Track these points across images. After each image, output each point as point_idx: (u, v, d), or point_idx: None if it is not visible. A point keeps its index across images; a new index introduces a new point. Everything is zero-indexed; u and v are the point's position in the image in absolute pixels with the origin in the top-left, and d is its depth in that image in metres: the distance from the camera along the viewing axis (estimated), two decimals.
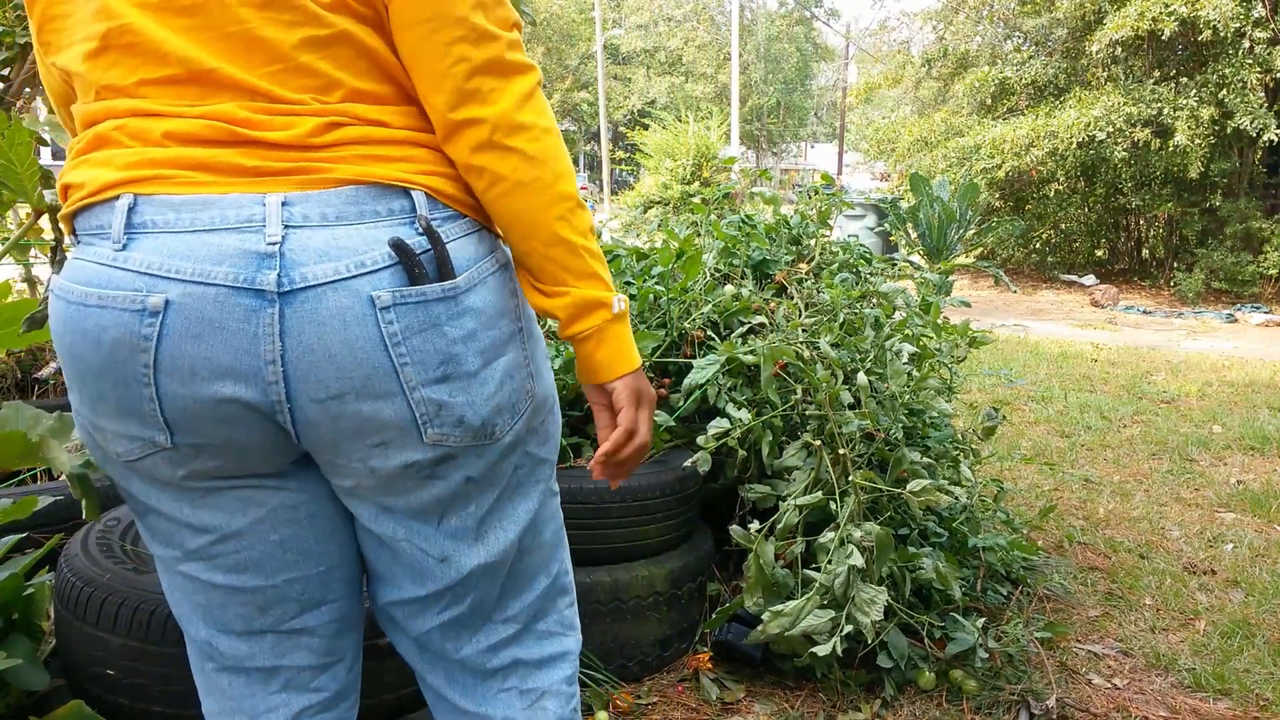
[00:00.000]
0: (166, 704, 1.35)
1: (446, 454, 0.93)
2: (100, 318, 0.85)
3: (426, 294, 0.87)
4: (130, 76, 0.87)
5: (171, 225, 0.84)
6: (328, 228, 0.85)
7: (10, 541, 1.62)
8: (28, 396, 3.16)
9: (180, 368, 0.85)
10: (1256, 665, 2.27)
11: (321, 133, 0.87)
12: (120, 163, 0.86)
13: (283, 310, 0.83)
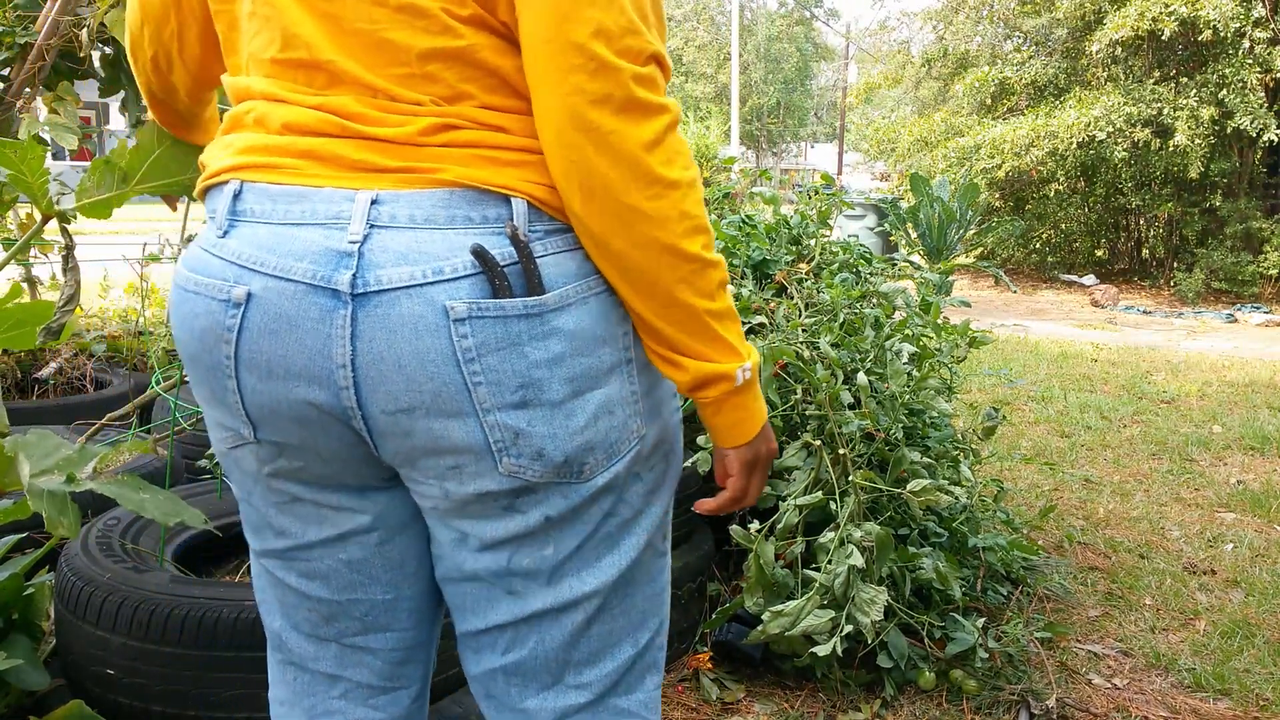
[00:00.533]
0: (166, 704, 1.35)
1: (525, 486, 0.85)
2: (195, 304, 0.85)
3: (506, 309, 0.80)
4: (267, 50, 0.85)
5: (266, 215, 0.82)
6: (413, 230, 0.80)
7: (10, 541, 1.62)
8: (28, 396, 3.16)
9: (258, 363, 0.83)
10: (1256, 665, 2.27)
11: (433, 132, 0.81)
12: (239, 146, 0.86)
13: (355, 313, 0.79)
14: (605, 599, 0.93)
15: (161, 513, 0.96)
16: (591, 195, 0.80)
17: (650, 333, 0.86)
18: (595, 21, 0.77)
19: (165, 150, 1.05)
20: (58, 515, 0.97)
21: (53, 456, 1.01)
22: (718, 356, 0.87)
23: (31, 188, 1.05)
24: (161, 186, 1.03)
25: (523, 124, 0.83)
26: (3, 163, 0.97)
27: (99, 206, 1.04)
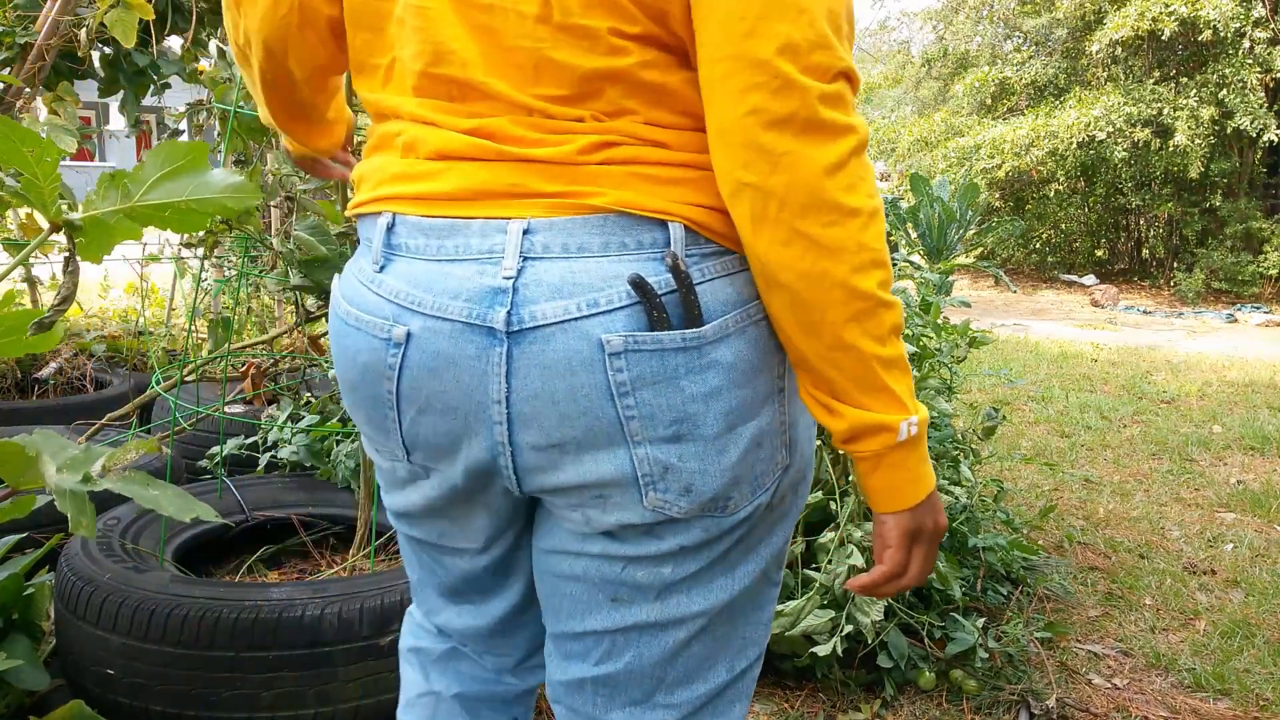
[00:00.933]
0: (166, 703, 1.35)
1: (667, 520, 0.82)
2: (356, 340, 0.85)
3: (663, 342, 0.76)
4: (416, 62, 0.81)
5: (420, 251, 0.81)
6: (567, 259, 0.77)
7: (10, 541, 1.62)
8: (28, 396, 3.16)
9: (417, 398, 0.82)
10: (1256, 665, 2.27)
11: (592, 150, 0.77)
12: (389, 173, 0.84)
13: (510, 350, 0.77)
14: (710, 620, 0.89)
15: (175, 509, 0.96)
16: (763, 220, 0.74)
17: (810, 374, 0.80)
18: (783, 36, 0.71)
19: (169, 173, 1.04)
20: (79, 515, 0.98)
21: (60, 456, 1.01)
22: (880, 407, 0.79)
23: (42, 193, 1.04)
24: (159, 209, 1.02)
25: (684, 139, 0.79)
26: (14, 161, 0.96)
27: (96, 244, 1.03)
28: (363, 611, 1.40)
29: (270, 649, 1.35)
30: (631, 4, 0.75)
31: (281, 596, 1.40)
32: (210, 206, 0.99)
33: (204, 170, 0.97)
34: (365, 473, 1.78)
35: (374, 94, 0.86)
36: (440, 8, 0.78)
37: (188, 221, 1.02)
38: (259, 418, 2.21)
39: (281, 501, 1.94)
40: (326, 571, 1.79)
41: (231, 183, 0.98)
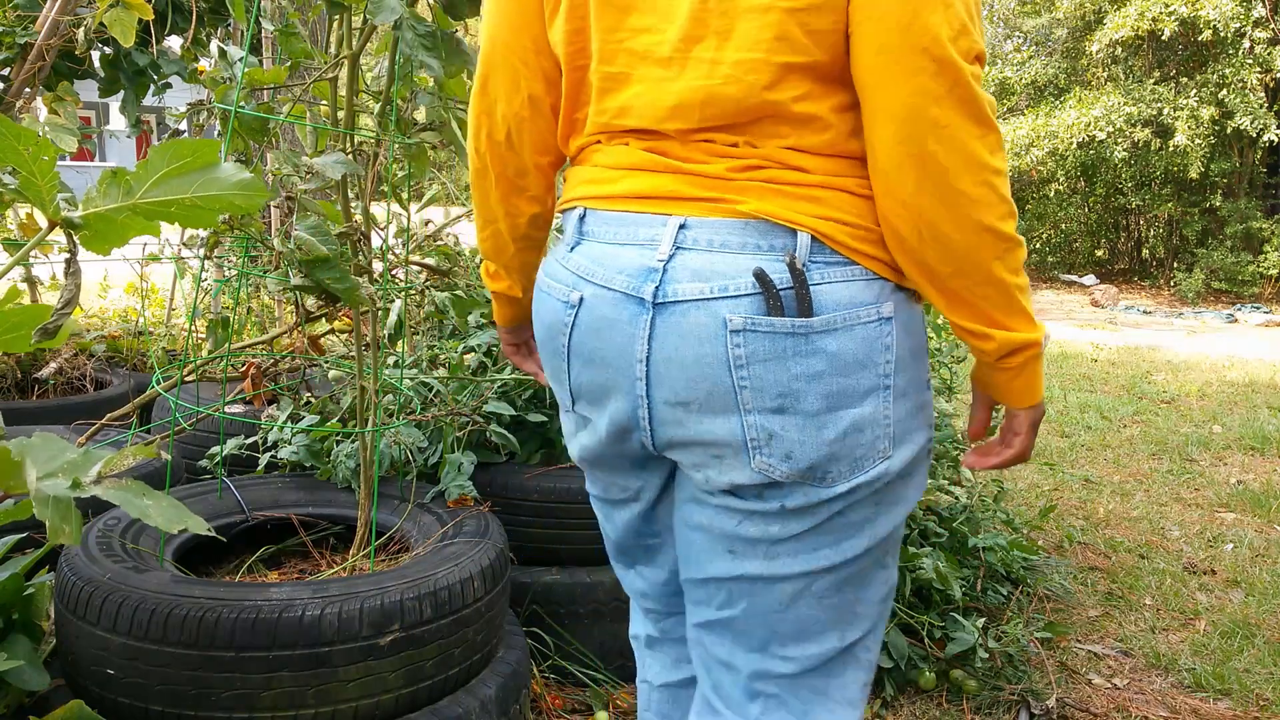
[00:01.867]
0: (166, 703, 1.35)
1: (772, 483, 0.96)
2: (546, 302, 1.07)
3: (775, 326, 0.91)
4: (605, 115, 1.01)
5: (600, 236, 1.01)
6: (710, 253, 0.94)
7: (10, 541, 1.62)
8: (28, 396, 3.16)
9: (582, 353, 1.02)
10: (1256, 665, 2.27)
11: (740, 170, 0.94)
12: (585, 179, 1.05)
13: (654, 318, 0.95)
14: (813, 584, 1.01)
15: (165, 520, 0.96)
16: (924, 183, 0.89)
17: (964, 308, 0.95)
18: (936, 27, 0.85)
19: (174, 169, 1.04)
20: (60, 522, 0.97)
21: (57, 460, 1.00)
22: (1021, 327, 0.95)
23: (40, 192, 1.03)
24: (164, 205, 1.01)
25: (820, 163, 0.94)
26: (11, 159, 0.95)
27: (102, 237, 1.02)
28: (363, 611, 1.40)
29: (270, 649, 1.35)
30: (804, 36, 0.89)
31: (281, 596, 1.40)
32: (218, 203, 0.99)
33: (213, 167, 0.97)
34: (365, 472, 1.78)
35: (574, 139, 1.09)
36: (632, 69, 0.98)
37: (195, 218, 1.02)
38: (259, 418, 2.21)
39: (281, 501, 1.94)
40: (326, 571, 1.79)
41: (241, 179, 0.98)
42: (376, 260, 1.82)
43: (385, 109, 1.66)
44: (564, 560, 2.09)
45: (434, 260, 2.43)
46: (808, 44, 0.90)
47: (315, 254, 1.50)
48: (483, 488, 2.01)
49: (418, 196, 2.61)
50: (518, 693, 1.63)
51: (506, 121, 1.11)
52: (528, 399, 2.21)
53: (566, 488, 2.04)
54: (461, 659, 1.53)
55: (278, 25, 1.80)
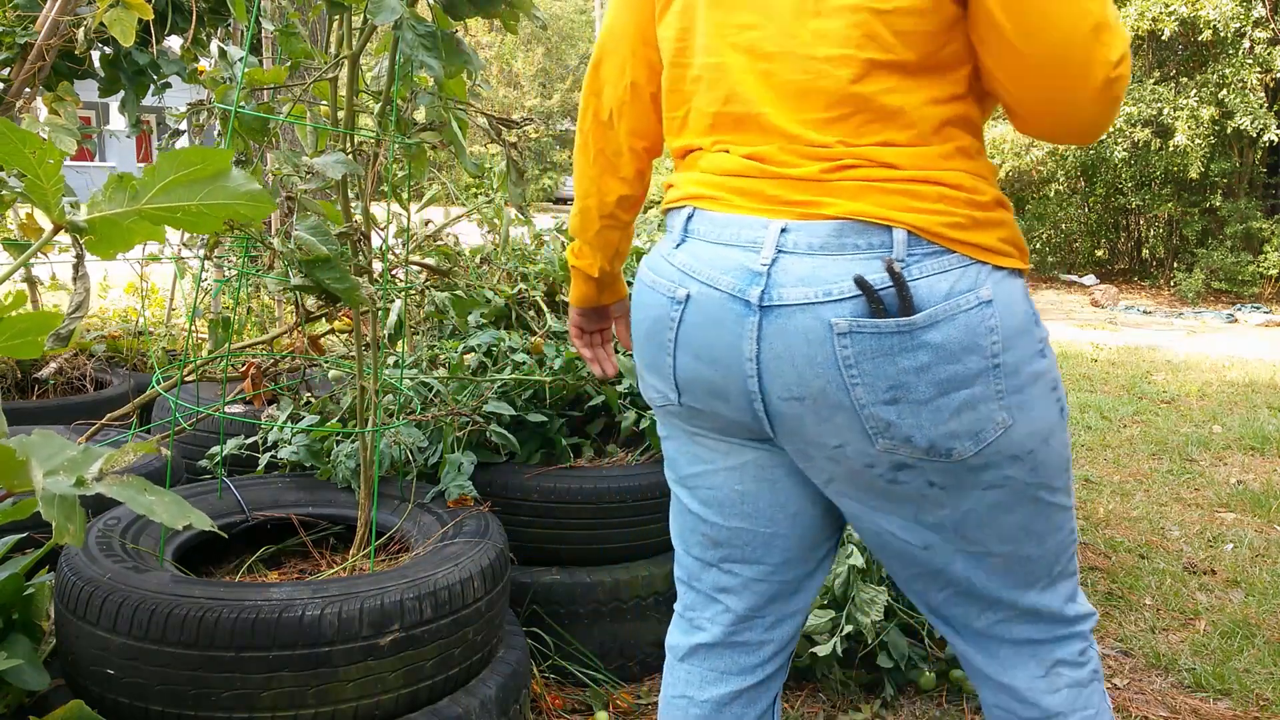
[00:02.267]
0: (166, 703, 1.35)
1: (902, 461, 1.01)
2: (649, 296, 1.11)
3: (880, 327, 0.95)
4: (712, 105, 1.07)
5: (706, 236, 1.06)
6: (812, 256, 0.98)
7: (10, 541, 1.62)
8: (28, 396, 3.16)
9: (689, 347, 1.07)
10: (1256, 665, 2.27)
11: (833, 170, 0.99)
12: (692, 180, 1.10)
13: (761, 320, 1.00)
14: (1016, 546, 1.07)
15: (169, 515, 0.95)
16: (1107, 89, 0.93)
17: None
18: None
19: (182, 176, 1.04)
20: (65, 521, 0.97)
21: (58, 458, 1.00)
22: None
23: (45, 195, 1.03)
24: (170, 211, 1.01)
25: (909, 157, 0.98)
26: (17, 162, 0.95)
27: (107, 241, 1.02)
28: (363, 611, 1.40)
29: (270, 649, 1.35)
30: (891, 36, 0.95)
31: (281, 596, 1.40)
32: (224, 211, 0.99)
33: (222, 175, 0.97)
34: (365, 472, 1.78)
35: (676, 139, 1.15)
36: (734, 62, 1.04)
37: (200, 223, 1.02)
38: (259, 418, 2.21)
39: (281, 501, 1.94)
40: (326, 571, 1.79)
41: (250, 189, 0.98)
42: (376, 260, 1.82)
43: (385, 109, 1.66)
44: (564, 560, 2.09)
45: (434, 260, 2.43)
46: (895, 43, 0.96)
47: (315, 254, 1.50)
48: (483, 488, 2.01)
49: (418, 196, 2.61)
50: (518, 693, 1.63)
51: (610, 103, 1.22)
52: (528, 399, 2.21)
53: (566, 488, 2.04)
54: (461, 659, 1.53)
55: (278, 25, 1.80)
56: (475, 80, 1.83)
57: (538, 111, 30.10)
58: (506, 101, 29.29)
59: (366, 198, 1.69)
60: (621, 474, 2.10)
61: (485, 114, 1.81)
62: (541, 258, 2.75)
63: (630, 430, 2.25)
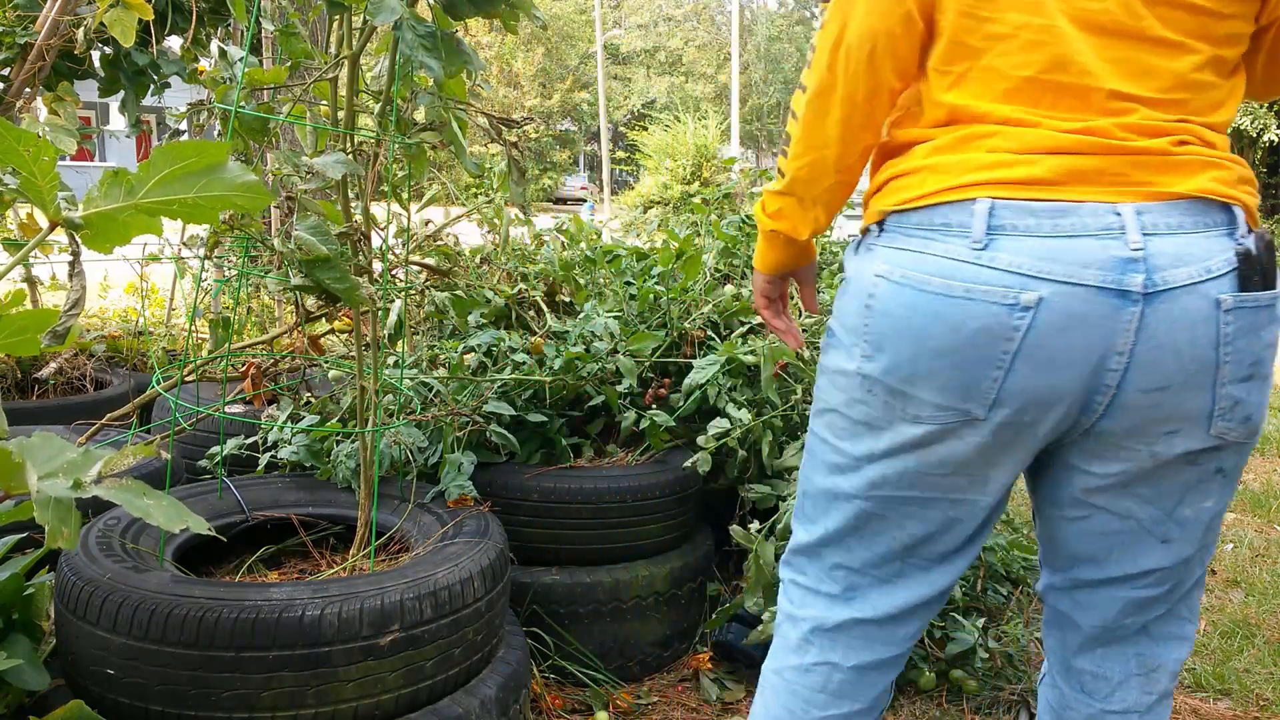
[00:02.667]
0: (166, 703, 1.35)
1: (1217, 446, 1.03)
2: (967, 308, 0.99)
3: (1258, 300, 0.98)
4: (1021, 69, 0.98)
5: (1031, 230, 0.97)
6: (1175, 235, 0.96)
7: (10, 541, 1.62)
8: (28, 396, 3.16)
9: (1039, 355, 0.98)
10: (1256, 665, 2.27)
11: (1178, 146, 0.98)
12: (977, 165, 1.00)
13: (1144, 310, 0.95)
14: (1207, 535, 1.12)
15: (167, 519, 0.95)
16: None
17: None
18: None
19: (178, 170, 1.04)
20: (60, 524, 0.97)
21: (57, 460, 1.00)
22: None
23: (41, 192, 1.03)
24: (165, 203, 1.01)
25: (1221, 139, 1.01)
26: (12, 160, 0.95)
27: (104, 236, 1.02)
28: (363, 611, 1.40)
29: (270, 649, 1.35)
30: (1223, 35, 0.99)
31: (281, 596, 1.40)
32: (220, 203, 0.99)
33: (218, 167, 0.97)
34: (365, 472, 1.78)
35: (941, 95, 1.04)
36: (1066, 29, 0.97)
37: (197, 215, 1.02)
38: (259, 418, 2.21)
39: (281, 501, 1.94)
40: (326, 571, 1.79)
41: (245, 181, 0.98)
42: (376, 260, 1.82)
43: (385, 109, 1.66)
44: (564, 560, 2.09)
45: (434, 260, 2.43)
46: (1224, 42, 1.00)
47: (315, 254, 1.50)
48: (483, 488, 2.01)
49: (418, 196, 2.61)
50: (518, 693, 1.63)
51: (874, 37, 1.04)
52: (528, 399, 2.21)
53: (566, 488, 2.04)
54: (461, 659, 1.53)
55: (278, 25, 1.80)
56: (475, 80, 1.83)
57: (538, 111, 30.09)
58: (506, 101, 29.29)
59: (366, 198, 1.69)
60: (621, 474, 2.10)
61: (485, 114, 1.81)
62: (541, 258, 2.75)
63: (630, 430, 2.25)
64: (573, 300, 2.63)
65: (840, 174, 1.12)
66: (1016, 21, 0.98)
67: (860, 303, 1.08)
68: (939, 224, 1.01)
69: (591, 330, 2.32)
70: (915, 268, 1.02)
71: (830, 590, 1.22)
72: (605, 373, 2.26)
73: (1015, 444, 1.06)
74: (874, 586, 1.20)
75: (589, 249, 2.95)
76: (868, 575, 1.20)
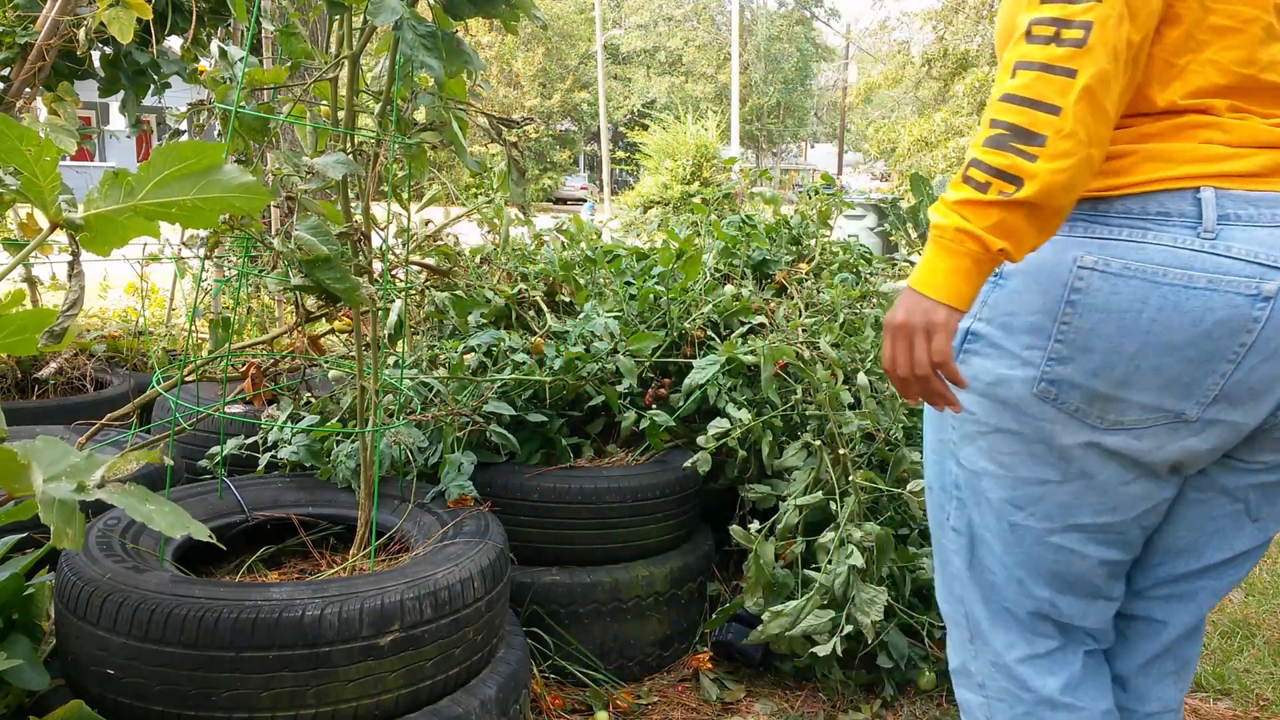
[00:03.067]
0: (166, 703, 1.35)
1: None
2: (1210, 300, 0.95)
3: None
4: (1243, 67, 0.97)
5: (1255, 220, 0.95)
6: None
7: (10, 541, 1.62)
8: (28, 396, 3.16)
9: (1267, 348, 0.96)
10: (1256, 665, 2.27)
11: None
12: (1196, 156, 0.97)
13: None
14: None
15: (168, 524, 0.96)
16: None
17: None
18: None
19: (176, 171, 1.04)
20: (64, 525, 0.97)
21: (60, 463, 1.01)
22: None
23: (42, 193, 1.03)
24: (165, 206, 1.01)
25: None
26: (13, 160, 0.95)
27: (103, 238, 1.02)
28: (363, 611, 1.40)
29: (270, 649, 1.35)
30: None
31: (281, 596, 1.40)
32: (220, 205, 0.98)
33: (215, 169, 0.97)
34: (365, 472, 1.78)
35: (1161, 83, 0.99)
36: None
37: (196, 218, 1.02)
38: (259, 418, 2.21)
39: (281, 501, 1.94)
40: (326, 571, 1.79)
41: (243, 182, 0.98)
42: (376, 260, 1.82)
43: (385, 109, 1.66)
44: (564, 560, 2.09)
45: (434, 260, 2.43)
46: None
47: (315, 254, 1.50)
48: (483, 488, 2.01)
49: (418, 196, 2.61)
50: (518, 693, 1.63)
51: (1156, 15, 0.96)
52: (528, 399, 2.21)
53: (566, 488, 2.04)
54: (461, 659, 1.53)
55: (278, 25, 1.80)
56: (475, 80, 1.83)
57: (538, 111, 30.10)
58: (506, 101, 29.29)
59: (366, 198, 1.69)
60: (621, 474, 2.10)
61: (485, 114, 1.81)
62: (541, 258, 2.75)
63: (630, 430, 2.25)
64: (573, 300, 2.63)
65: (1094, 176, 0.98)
66: (1245, 15, 0.97)
67: (1057, 298, 0.99)
68: (1155, 212, 0.96)
69: (591, 330, 2.32)
70: (1140, 258, 0.96)
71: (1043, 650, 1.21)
72: (605, 373, 2.26)
73: (1217, 446, 1.04)
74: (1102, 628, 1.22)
75: (589, 249, 2.96)
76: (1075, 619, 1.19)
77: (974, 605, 1.24)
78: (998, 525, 1.14)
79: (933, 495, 1.24)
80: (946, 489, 1.19)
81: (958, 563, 1.23)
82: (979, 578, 1.21)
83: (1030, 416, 1.04)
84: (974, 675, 1.27)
